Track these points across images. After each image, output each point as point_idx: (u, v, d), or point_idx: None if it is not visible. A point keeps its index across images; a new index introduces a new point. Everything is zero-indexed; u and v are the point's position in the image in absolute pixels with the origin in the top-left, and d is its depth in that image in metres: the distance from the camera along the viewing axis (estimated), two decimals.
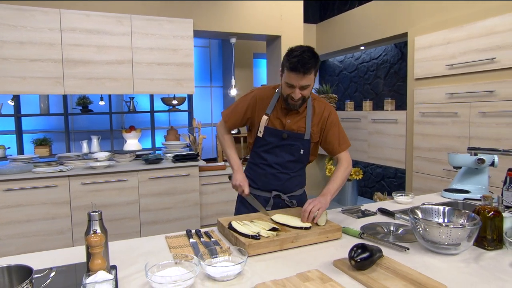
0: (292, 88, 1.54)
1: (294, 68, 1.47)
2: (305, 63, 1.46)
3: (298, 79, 1.50)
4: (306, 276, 1.06)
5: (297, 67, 1.46)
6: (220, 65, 5.11)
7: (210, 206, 3.62)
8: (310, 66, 1.47)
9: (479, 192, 2.03)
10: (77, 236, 3.04)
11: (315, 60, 1.49)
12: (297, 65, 1.46)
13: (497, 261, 1.18)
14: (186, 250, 1.31)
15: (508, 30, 2.81)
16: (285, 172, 1.73)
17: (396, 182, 4.85)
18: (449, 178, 3.32)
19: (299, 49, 1.49)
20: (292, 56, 1.48)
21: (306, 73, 1.48)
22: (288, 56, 1.50)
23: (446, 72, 3.31)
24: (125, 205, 3.16)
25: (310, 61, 1.47)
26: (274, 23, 4.03)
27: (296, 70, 1.47)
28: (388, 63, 4.78)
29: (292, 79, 1.51)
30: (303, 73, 1.47)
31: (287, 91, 1.57)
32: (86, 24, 3.17)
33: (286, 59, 1.51)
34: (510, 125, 2.83)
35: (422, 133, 3.61)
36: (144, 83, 3.38)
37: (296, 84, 1.51)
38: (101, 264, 1.05)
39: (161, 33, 3.41)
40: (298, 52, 1.47)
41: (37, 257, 1.29)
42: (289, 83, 1.53)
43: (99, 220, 1.14)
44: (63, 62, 3.11)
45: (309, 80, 1.52)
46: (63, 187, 2.96)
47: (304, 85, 1.52)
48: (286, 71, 1.52)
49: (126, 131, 3.91)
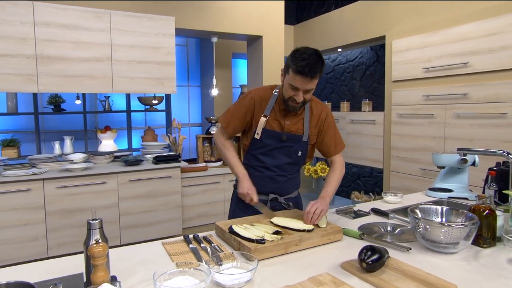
0: (295, 91, 1.51)
1: (302, 72, 1.43)
2: (313, 67, 1.43)
3: (304, 83, 1.47)
4: (318, 280, 1.05)
5: (305, 71, 1.43)
6: (198, 64, 5.02)
7: (192, 208, 3.54)
8: (317, 71, 1.45)
9: (461, 191, 2.12)
10: (52, 243, 2.88)
11: (321, 63, 1.47)
12: (305, 69, 1.42)
13: (494, 258, 1.23)
14: (188, 257, 1.27)
15: (480, 36, 2.96)
16: (282, 174, 1.71)
17: (371, 181, 4.99)
18: (425, 177, 3.45)
19: (306, 51, 1.45)
20: (300, 59, 1.43)
21: (313, 77, 1.46)
22: (296, 58, 1.45)
23: (423, 75, 3.44)
24: (103, 209, 3.03)
25: (318, 65, 1.45)
26: (256, 23, 4.02)
27: (303, 74, 1.44)
28: (364, 65, 4.90)
29: (297, 82, 1.48)
30: (310, 77, 1.45)
31: (290, 93, 1.54)
32: (62, 19, 3.00)
33: (293, 62, 1.46)
34: (482, 126, 2.99)
35: (400, 134, 3.73)
36: (123, 81, 3.25)
37: (301, 88, 1.49)
38: (104, 276, 0.99)
39: (141, 30, 3.29)
40: (306, 55, 1.43)
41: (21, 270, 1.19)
42: (293, 85, 1.50)
43: (100, 228, 1.07)
44: (37, 58, 2.92)
45: (314, 84, 1.50)
46: (37, 191, 2.79)
47: (309, 89, 1.51)
48: (292, 73, 1.47)
49: (101, 132, 3.75)
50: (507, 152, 1.55)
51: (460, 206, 1.92)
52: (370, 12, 4.13)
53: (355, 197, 4.66)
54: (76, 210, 2.94)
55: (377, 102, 4.60)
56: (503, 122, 2.84)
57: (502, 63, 2.83)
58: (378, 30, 4.03)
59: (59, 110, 3.57)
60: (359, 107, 4.78)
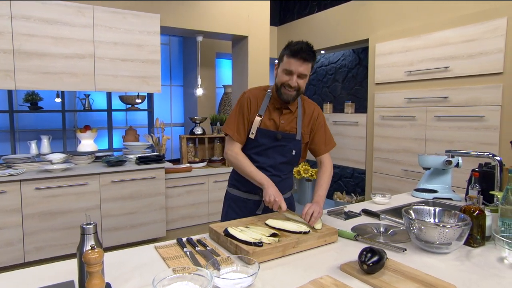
0: (290, 75, 1.57)
1: (296, 53, 1.53)
2: (306, 50, 1.54)
3: (298, 65, 1.55)
4: (320, 283, 1.05)
5: (299, 52, 1.53)
6: (181, 63, 4.95)
7: (176, 209, 3.48)
8: (310, 55, 1.55)
9: (445, 191, 2.19)
10: (29, 248, 2.75)
11: (313, 53, 1.57)
12: (299, 51, 1.53)
13: (485, 257, 1.26)
14: (184, 261, 1.23)
15: (460, 42, 3.06)
16: (277, 174, 1.71)
17: (353, 181, 5.07)
18: (407, 178, 3.54)
19: (300, 41, 1.58)
20: (294, 44, 1.56)
21: (306, 60, 1.55)
22: (290, 45, 1.57)
23: (405, 78, 3.52)
24: (84, 211, 2.92)
25: (311, 52, 1.56)
26: (241, 23, 4.00)
27: (297, 55, 1.53)
28: (346, 68, 4.98)
29: (292, 65, 1.55)
30: (303, 59, 1.54)
31: (284, 79, 1.59)
32: (42, 13, 2.86)
33: (287, 47, 1.57)
34: (461, 129, 3.09)
35: (382, 135, 3.81)
36: (106, 79, 3.15)
37: (295, 70, 1.56)
38: (100, 284, 0.94)
39: (126, 27, 3.20)
40: (300, 42, 1.57)
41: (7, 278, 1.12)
42: (288, 69, 1.57)
43: (94, 233, 1.02)
44: (14, 53, 2.78)
45: (306, 70, 1.57)
46: (13, 193, 2.65)
47: (302, 73, 1.57)
48: (286, 57, 1.57)
49: (81, 131, 3.62)
50: (492, 154, 1.60)
51: (446, 206, 1.98)
52: (354, 15, 4.20)
53: (337, 198, 4.72)
54: (56, 212, 2.82)
55: (358, 104, 4.68)
56: (480, 125, 2.96)
57: (480, 68, 2.94)
58: (362, 33, 4.10)
59: (36, 108, 3.42)
60: (341, 108, 4.85)
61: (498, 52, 2.82)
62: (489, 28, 2.86)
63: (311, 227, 1.43)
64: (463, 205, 1.44)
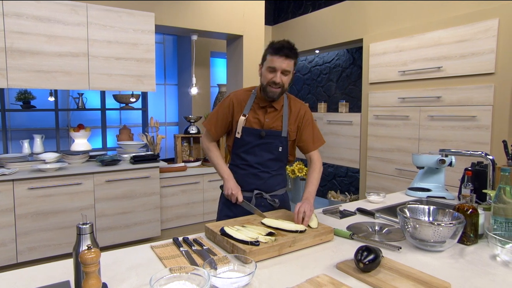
0: (274, 73, 1.63)
1: (278, 50, 1.60)
2: (287, 47, 1.61)
3: (281, 61, 1.61)
4: (317, 282, 1.06)
5: (281, 49, 1.60)
6: (175, 62, 4.93)
7: (171, 209, 3.47)
8: (292, 53, 1.62)
9: (438, 190, 2.21)
10: (22, 248, 2.72)
11: (296, 51, 1.65)
12: (281, 48, 1.60)
13: (478, 255, 1.28)
14: (180, 261, 1.23)
15: (453, 42, 3.09)
16: (265, 171, 1.76)
17: (347, 180, 5.10)
18: (400, 177, 3.57)
19: (281, 40, 1.65)
20: (276, 42, 1.63)
21: (288, 56, 1.61)
22: (272, 43, 1.65)
23: (399, 78, 3.55)
24: (78, 211, 2.90)
25: (293, 49, 1.63)
26: (236, 22, 3.99)
27: (280, 52, 1.60)
28: (340, 67, 5.00)
29: (275, 62, 1.61)
30: (285, 55, 1.60)
31: (269, 77, 1.64)
32: (35, 10, 2.83)
33: (270, 46, 1.64)
34: (454, 128, 3.13)
35: (376, 135, 3.84)
36: (101, 78, 3.12)
37: (278, 67, 1.61)
38: (97, 284, 0.94)
39: (120, 25, 3.17)
40: (282, 40, 1.64)
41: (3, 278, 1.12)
42: (271, 66, 1.62)
43: (90, 233, 1.02)
44: (6, 51, 2.74)
45: (289, 66, 1.63)
46: (6, 193, 2.62)
47: (286, 69, 1.62)
48: (269, 56, 1.63)
49: (74, 130, 3.59)
50: (485, 153, 1.62)
51: (439, 204, 2.00)
52: (348, 15, 4.22)
53: (331, 197, 4.74)
54: (49, 212, 2.79)
55: (352, 104, 4.70)
56: (473, 124, 2.99)
57: (472, 69, 2.97)
58: (356, 33, 4.12)
59: (28, 107, 3.38)
60: (335, 108, 4.88)
61: (489, 52, 2.85)
62: (481, 29, 2.90)
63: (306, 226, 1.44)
64: (456, 203, 1.46)
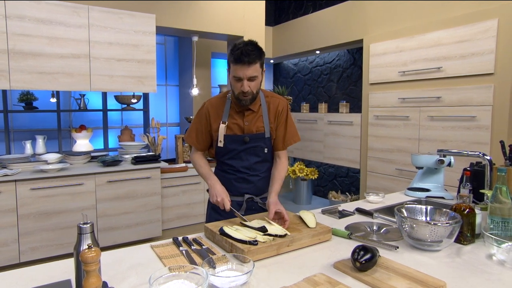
0: (240, 81, 1.54)
1: (238, 59, 1.49)
2: (248, 53, 1.48)
3: (244, 69, 1.50)
4: (314, 281, 1.07)
5: (241, 58, 1.48)
6: (176, 63, 4.95)
7: (172, 209, 3.49)
8: (253, 57, 1.50)
9: (437, 190, 2.22)
10: (24, 248, 2.74)
11: (258, 51, 1.52)
12: (240, 55, 1.48)
13: (475, 254, 1.29)
14: (180, 260, 1.25)
15: (453, 43, 3.10)
16: (254, 174, 1.72)
17: (348, 181, 5.11)
18: (400, 177, 3.58)
19: (241, 43, 1.53)
20: (235, 49, 1.51)
21: (251, 63, 1.49)
22: (232, 50, 1.53)
23: (399, 78, 3.56)
24: (80, 211, 2.92)
25: (254, 52, 1.50)
26: (237, 23, 4.01)
27: (240, 61, 1.49)
28: (341, 68, 5.01)
29: (238, 71, 1.51)
30: (248, 63, 1.49)
31: (237, 86, 1.56)
32: (37, 13, 2.86)
33: (230, 54, 1.53)
34: (454, 128, 3.14)
35: (376, 135, 3.85)
36: (102, 79, 3.14)
37: (242, 76, 1.52)
38: (97, 283, 0.96)
39: (121, 27, 3.20)
40: (241, 45, 1.51)
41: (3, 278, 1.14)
42: (236, 76, 1.53)
43: (91, 233, 1.04)
44: (9, 53, 2.77)
45: (255, 71, 1.53)
46: (8, 193, 2.65)
47: (251, 76, 1.52)
48: (232, 65, 1.53)
49: (76, 131, 3.62)
50: (482, 154, 1.63)
51: (438, 204, 2.01)
52: (348, 16, 4.23)
53: (332, 197, 4.75)
54: (51, 212, 2.82)
55: (353, 104, 4.71)
56: (472, 124, 3.00)
57: (472, 69, 2.98)
58: (356, 33, 4.13)
59: (31, 108, 3.41)
60: (335, 108, 4.89)
61: (489, 53, 2.86)
62: (480, 29, 2.91)
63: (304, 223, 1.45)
64: (454, 203, 1.47)
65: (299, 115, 5.02)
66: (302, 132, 4.92)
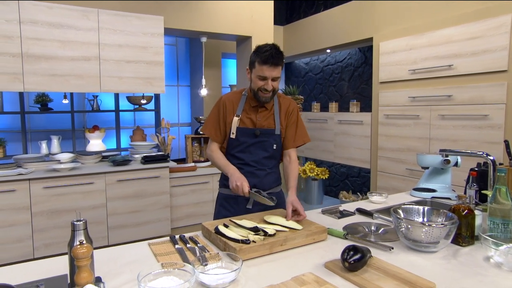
0: (264, 80, 1.67)
1: (267, 60, 1.62)
2: (275, 55, 1.63)
3: (271, 70, 1.64)
4: (302, 280, 1.07)
5: (270, 59, 1.62)
6: (188, 64, 5.01)
7: (181, 208, 3.54)
8: (279, 59, 1.65)
9: (444, 191, 2.17)
10: (38, 244, 2.84)
11: (282, 54, 1.67)
12: (269, 57, 1.62)
13: (472, 256, 1.27)
14: (174, 257, 1.27)
15: (464, 39, 3.02)
16: (262, 168, 1.80)
17: (359, 181, 5.05)
18: (411, 177, 3.51)
19: (267, 45, 1.66)
20: (263, 51, 1.64)
21: (278, 64, 1.65)
22: (259, 52, 1.65)
23: (409, 76, 3.50)
24: (91, 209, 3.00)
25: (279, 55, 1.65)
26: (245, 24, 4.03)
27: (268, 63, 1.62)
28: (352, 66, 4.96)
29: (265, 71, 1.64)
30: (275, 64, 1.63)
31: (260, 84, 1.68)
32: (49, 17, 2.96)
33: (257, 55, 1.66)
34: (465, 127, 3.06)
35: (386, 134, 3.79)
36: (112, 81, 3.23)
37: (269, 76, 1.65)
38: (88, 278, 0.99)
39: (130, 29, 3.27)
40: (268, 47, 1.64)
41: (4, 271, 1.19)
42: (262, 75, 1.66)
43: (84, 229, 1.07)
44: (23, 56, 2.88)
45: (279, 72, 1.68)
46: (23, 192, 2.75)
47: (276, 76, 1.67)
48: (258, 65, 1.66)
49: (89, 131, 3.72)
50: (486, 154, 1.59)
51: (442, 206, 1.97)
52: (358, 14, 4.18)
53: (343, 197, 4.71)
54: (63, 210, 2.91)
55: (364, 103, 4.65)
56: (485, 123, 2.92)
57: (484, 66, 2.90)
58: (366, 32, 4.08)
59: (46, 109, 3.53)
60: (347, 107, 4.84)
61: (502, 49, 2.77)
62: (493, 25, 2.82)
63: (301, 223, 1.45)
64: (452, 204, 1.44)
65: (309, 114, 4.99)
66: (313, 132, 4.90)
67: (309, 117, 4.98)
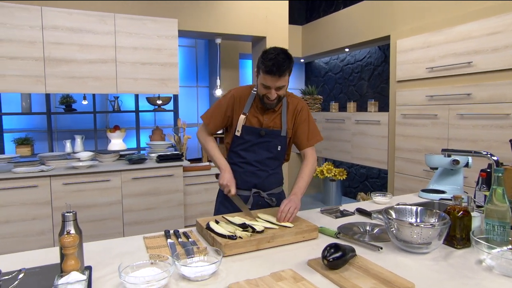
0: (268, 89, 1.60)
1: (270, 71, 1.52)
2: (280, 66, 1.51)
3: (274, 80, 1.55)
4: (280, 275, 1.08)
5: (273, 70, 1.52)
6: (207, 65, 5.10)
7: (194, 206, 3.61)
8: (284, 69, 1.53)
9: (455, 192, 2.09)
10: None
11: (289, 61, 1.54)
12: (272, 68, 1.51)
13: (465, 259, 1.22)
14: (163, 251, 1.32)
15: (484, 35, 2.89)
16: (264, 169, 1.76)
17: (379, 182, 4.93)
18: (428, 179, 3.39)
19: (273, 51, 1.54)
20: (267, 59, 1.52)
21: (281, 75, 1.54)
22: (264, 59, 1.54)
23: (427, 75, 3.38)
24: (107, 206, 3.13)
25: (285, 64, 1.52)
26: (259, 24, 4.05)
27: (271, 73, 1.53)
28: (372, 65, 4.86)
29: (268, 81, 1.56)
30: (278, 75, 1.53)
31: (263, 91, 1.62)
32: (69, 23, 3.13)
33: (261, 62, 1.55)
34: (485, 127, 2.92)
35: (404, 134, 3.69)
36: (127, 82, 3.35)
37: (272, 86, 1.57)
38: (75, 265, 1.05)
39: (145, 32, 3.39)
40: (273, 55, 1.52)
41: (9, 258, 1.28)
42: (265, 84, 1.58)
43: (74, 220, 1.13)
44: (45, 60, 3.06)
45: (284, 81, 1.58)
46: (44, 187, 2.91)
47: (280, 86, 1.58)
48: (262, 73, 1.57)
49: (110, 131, 3.88)
50: (490, 154, 1.52)
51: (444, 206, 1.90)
52: (375, 12, 4.09)
53: (360, 198, 4.62)
54: (81, 206, 3.05)
55: (384, 103, 4.55)
56: (506, 123, 2.77)
57: (505, 63, 2.76)
58: (383, 30, 3.99)
59: (70, 110, 3.72)
60: (366, 107, 4.74)
61: None
62: None
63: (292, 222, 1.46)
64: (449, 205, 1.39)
65: (327, 114, 4.94)
66: (330, 132, 4.84)
67: (327, 117, 4.92)
